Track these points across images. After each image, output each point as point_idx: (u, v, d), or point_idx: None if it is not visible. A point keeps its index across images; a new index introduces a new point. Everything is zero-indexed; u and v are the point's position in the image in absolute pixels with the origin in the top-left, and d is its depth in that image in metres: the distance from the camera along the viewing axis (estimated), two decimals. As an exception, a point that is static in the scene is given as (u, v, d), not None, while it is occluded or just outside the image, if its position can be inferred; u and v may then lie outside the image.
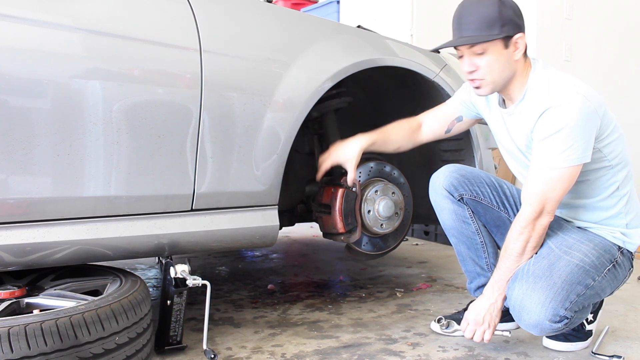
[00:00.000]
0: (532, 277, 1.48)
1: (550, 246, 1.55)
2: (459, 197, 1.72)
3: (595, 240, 1.57)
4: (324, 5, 4.52)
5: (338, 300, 2.23)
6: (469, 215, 1.73)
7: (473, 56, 1.51)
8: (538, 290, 1.45)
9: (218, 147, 1.62)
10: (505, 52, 1.50)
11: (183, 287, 1.56)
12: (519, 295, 1.48)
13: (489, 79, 1.52)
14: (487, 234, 1.76)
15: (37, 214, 1.42)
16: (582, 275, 1.48)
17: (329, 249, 3.37)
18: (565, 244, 1.55)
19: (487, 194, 1.73)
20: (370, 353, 1.65)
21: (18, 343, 1.13)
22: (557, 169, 1.46)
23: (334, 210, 1.95)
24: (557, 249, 1.54)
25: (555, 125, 1.44)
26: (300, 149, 2.25)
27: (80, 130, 1.43)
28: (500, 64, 1.51)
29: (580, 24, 4.01)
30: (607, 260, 1.54)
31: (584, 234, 1.59)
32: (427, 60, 2.12)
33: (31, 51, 1.38)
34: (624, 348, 1.69)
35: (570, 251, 1.52)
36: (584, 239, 1.56)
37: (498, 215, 1.74)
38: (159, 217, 1.58)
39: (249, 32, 1.73)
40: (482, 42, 1.48)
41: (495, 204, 1.73)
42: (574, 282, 1.46)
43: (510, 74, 1.53)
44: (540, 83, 1.53)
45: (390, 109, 2.50)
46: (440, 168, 1.78)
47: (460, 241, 1.77)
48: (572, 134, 1.44)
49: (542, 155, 1.49)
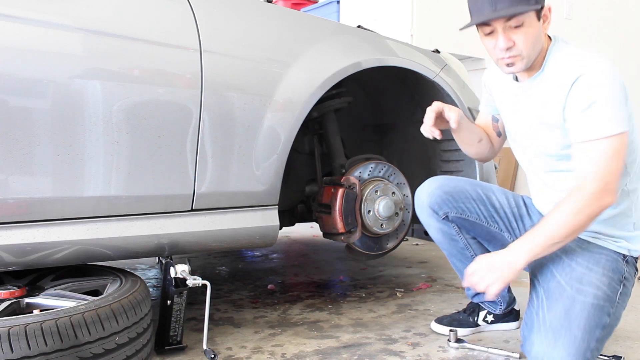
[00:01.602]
0: (550, 330, 1.38)
1: (560, 282, 1.45)
2: (443, 216, 1.65)
3: (602, 260, 1.46)
4: (324, 5, 4.52)
5: (338, 300, 2.23)
6: (456, 232, 1.68)
7: (509, 30, 1.40)
8: (559, 347, 1.35)
9: (218, 147, 1.62)
10: (538, 25, 1.42)
11: (183, 287, 1.56)
12: (539, 353, 1.38)
13: (525, 54, 1.42)
14: (477, 246, 1.71)
15: (37, 214, 1.42)
16: (599, 315, 1.39)
17: (329, 249, 3.37)
18: (575, 276, 1.44)
19: (473, 209, 1.65)
20: (370, 353, 1.65)
21: (18, 343, 1.13)
22: (609, 138, 1.35)
23: (334, 210, 1.95)
24: (567, 286, 1.43)
25: (594, 93, 1.36)
26: (300, 149, 2.25)
27: (80, 130, 1.43)
28: (535, 37, 1.42)
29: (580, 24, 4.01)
30: (617, 282, 1.45)
31: (589, 254, 1.48)
32: (427, 60, 2.12)
33: (31, 51, 1.38)
34: (624, 348, 1.69)
35: (582, 287, 1.41)
36: (592, 263, 1.45)
37: (487, 230, 1.67)
38: (159, 217, 1.58)
39: (249, 32, 1.73)
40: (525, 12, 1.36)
41: (483, 219, 1.66)
42: (593, 327, 1.38)
43: (540, 47, 1.45)
44: (561, 54, 1.46)
45: (390, 109, 2.51)
46: (424, 182, 1.71)
47: (452, 254, 1.74)
48: (613, 99, 1.36)
49: (589, 126, 1.37)
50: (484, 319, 1.82)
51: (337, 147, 2.15)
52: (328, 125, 2.13)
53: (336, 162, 2.13)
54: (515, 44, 1.41)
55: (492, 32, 1.42)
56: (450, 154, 2.30)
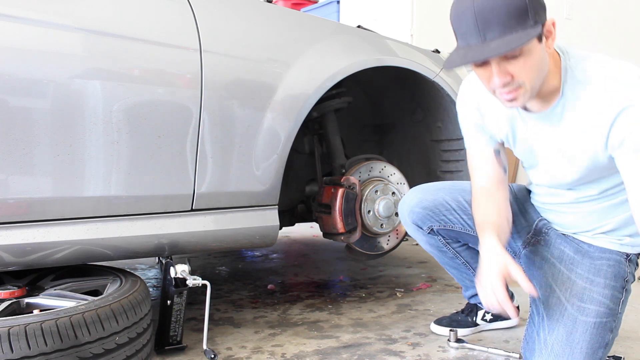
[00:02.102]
0: (552, 356, 1.34)
1: (559, 298, 1.39)
2: (428, 230, 1.62)
3: (603, 267, 1.40)
4: (324, 5, 4.52)
5: (338, 300, 2.23)
6: (442, 244, 1.67)
7: (504, 62, 1.16)
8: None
9: (218, 147, 1.62)
10: (540, 46, 1.18)
11: (183, 287, 1.56)
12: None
13: (528, 85, 1.19)
14: (467, 252, 1.69)
15: (37, 214, 1.42)
16: (602, 334, 1.35)
17: (329, 249, 3.37)
18: (576, 292, 1.37)
19: (456, 219, 1.59)
20: (370, 353, 1.65)
21: (18, 343, 1.13)
22: None
23: (334, 210, 1.95)
24: (568, 304, 1.37)
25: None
26: (300, 149, 2.25)
27: (80, 130, 1.43)
28: (538, 64, 1.18)
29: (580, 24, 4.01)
30: (619, 290, 1.39)
31: (589, 262, 1.41)
32: (427, 60, 2.12)
33: (31, 51, 1.38)
34: (624, 348, 1.69)
35: (584, 305, 1.35)
36: (592, 274, 1.39)
37: (475, 237, 1.51)
38: (159, 217, 1.58)
39: (249, 32, 1.73)
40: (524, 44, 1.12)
41: (468, 227, 1.59)
42: (596, 349, 1.34)
43: (546, 71, 1.22)
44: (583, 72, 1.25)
45: (390, 109, 2.51)
46: (405, 196, 1.67)
47: (444, 262, 1.75)
48: None
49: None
50: (483, 317, 1.82)
51: (337, 147, 2.15)
52: (328, 125, 2.13)
53: (336, 162, 2.14)
54: (515, 77, 1.18)
55: (484, 63, 1.18)
56: (450, 154, 2.30)
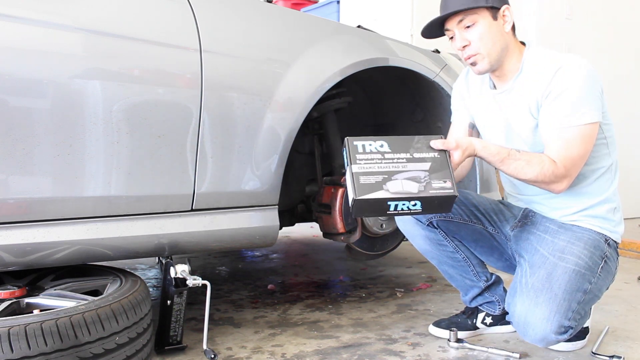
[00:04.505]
0: (532, 290, 1.45)
1: (543, 254, 1.52)
2: (427, 222, 1.66)
3: (584, 237, 1.54)
4: (324, 5, 4.52)
5: (338, 300, 2.23)
6: (443, 237, 1.68)
7: (463, 30, 1.51)
8: (540, 304, 1.42)
9: (218, 147, 1.62)
10: (495, 24, 1.51)
11: (183, 287, 1.56)
12: (522, 312, 1.45)
13: (484, 51, 1.51)
14: (466, 248, 1.72)
15: (37, 214, 1.42)
16: (580, 281, 1.46)
17: (329, 249, 3.37)
18: (557, 248, 1.52)
19: (455, 211, 1.65)
20: (370, 353, 1.65)
21: (18, 343, 1.13)
22: (574, 127, 1.44)
23: (334, 210, 1.95)
24: (550, 255, 1.51)
25: (567, 82, 1.45)
26: (300, 149, 2.25)
27: (80, 130, 1.43)
28: (491, 35, 1.50)
29: (580, 24, 4.01)
30: (599, 257, 1.52)
31: (571, 232, 1.55)
32: (427, 60, 2.13)
33: (31, 51, 1.38)
34: (624, 348, 1.69)
35: (564, 256, 1.49)
36: (573, 239, 1.53)
37: (473, 229, 1.69)
38: (159, 217, 1.58)
39: (249, 32, 1.73)
40: (469, 8, 1.47)
41: (466, 218, 1.67)
42: (574, 290, 1.44)
43: (503, 46, 1.53)
44: (539, 55, 1.54)
45: (390, 109, 2.50)
46: None
47: (442, 262, 1.74)
48: (584, 91, 1.44)
49: (556, 114, 1.46)
50: (483, 321, 1.81)
51: (337, 147, 2.15)
52: (328, 125, 2.13)
53: (336, 162, 2.13)
54: (470, 42, 1.51)
55: (453, 36, 1.54)
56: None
